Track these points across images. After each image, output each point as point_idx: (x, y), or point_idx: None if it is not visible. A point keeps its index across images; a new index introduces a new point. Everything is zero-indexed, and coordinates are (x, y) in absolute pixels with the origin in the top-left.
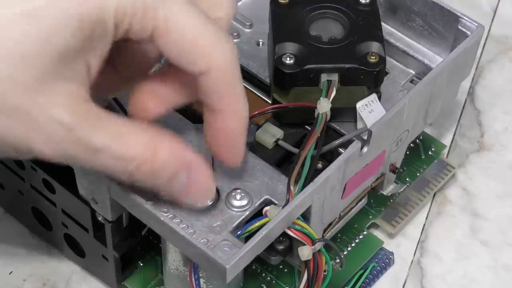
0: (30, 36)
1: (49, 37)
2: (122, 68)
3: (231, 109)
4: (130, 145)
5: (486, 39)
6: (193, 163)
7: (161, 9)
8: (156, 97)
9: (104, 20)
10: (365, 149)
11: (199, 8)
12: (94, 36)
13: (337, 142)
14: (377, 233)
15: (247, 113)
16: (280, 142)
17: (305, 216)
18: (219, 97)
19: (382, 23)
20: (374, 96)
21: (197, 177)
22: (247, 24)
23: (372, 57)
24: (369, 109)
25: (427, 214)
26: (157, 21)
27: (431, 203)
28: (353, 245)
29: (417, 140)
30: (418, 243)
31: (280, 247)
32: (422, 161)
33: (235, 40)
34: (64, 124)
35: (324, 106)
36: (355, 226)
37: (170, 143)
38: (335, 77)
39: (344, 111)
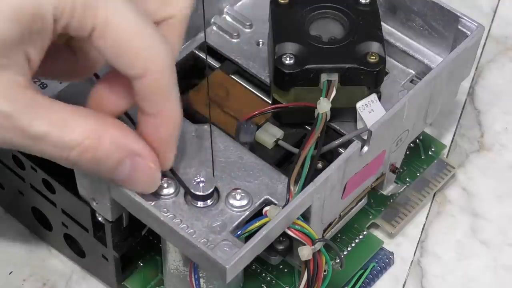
0: None
1: None
2: (81, 58)
3: (164, 115)
4: (72, 133)
5: (486, 39)
6: (138, 153)
7: (102, 9)
8: (106, 100)
9: (42, 15)
10: (365, 149)
11: (138, 9)
12: (32, 29)
13: (337, 142)
14: (377, 233)
15: (180, 119)
16: (280, 142)
17: (305, 216)
18: (152, 102)
19: (382, 23)
20: (374, 96)
21: (142, 166)
22: (247, 24)
23: (372, 57)
24: (369, 109)
25: (427, 214)
26: (96, 20)
27: (431, 203)
28: (353, 245)
29: (417, 140)
30: (418, 243)
31: (280, 247)
32: (422, 161)
33: (235, 40)
34: (1, 112)
35: (324, 106)
36: (355, 226)
37: (115, 131)
38: (335, 77)
39: (344, 111)
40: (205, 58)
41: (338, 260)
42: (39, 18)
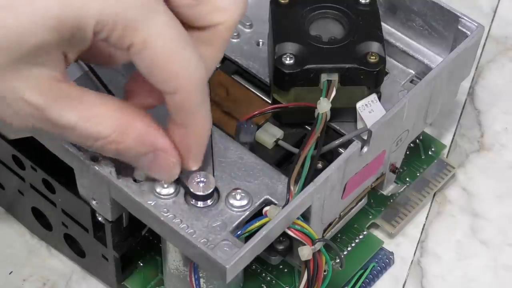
0: (5, 26)
1: (23, 31)
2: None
3: (192, 128)
4: (99, 126)
5: (486, 39)
6: (161, 148)
7: (141, 29)
8: (139, 93)
9: (83, 28)
10: (365, 149)
11: (180, 27)
12: (71, 38)
13: (337, 142)
14: (377, 233)
15: (207, 132)
16: (280, 142)
17: (305, 216)
18: (182, 116)
19: (382, 23)
20: (374, 96)
21: (163, 160)
22: (247, 24)
23: (372, 57)
24: (369, 109)
25: (427, 214)
26: (135, 39)
27: (431, 203)
28: (353, 245)
29: (417, 140)
30: (418, 243)
31: (280, 247)
32: (422, 161)
33: (235, 40)
34: (34, 104)
35: (324, 106)
36: (355, 226)
37: (141, 126)
38: (335, 77)
39: (344, 111)
40: None
41: (338, 260)
42: (80, 30)
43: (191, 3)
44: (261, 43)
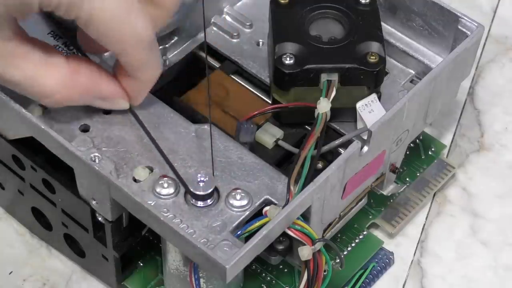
0: None
1: None
2: None
3: (141, 79)
4: (41, 86)
5: (486, 39)
6: (108, 96)
7: (85, 4)
8: (90, 42)
9: (28, 4)
10: (365, 149)
11: None
12: (18, 9)
13: (337, 142)
14: (377, 233)
15: (156, 78)
16: (280, 142)
17: (305, 216)
18: (131, 71)
19: (382, 23)
20: (374, 96)
21: (110, 103)
22: (247, 24)
23: (372, 57)
24: (369, 109)
25: (427, 214)
26: (80, 13)
27: (431, 203)
28: (353, 245)
29: (417, 140)
30: (418, 243)
31: (280, 247)
32: (422, 161)
33: (234, 40)
34: None
35: (324, 106)
36: (355, 226)
37: (85, 81)
38: (335, 77)
39: (344, 111)
40: (205, 58)
41: (338, 260)
42: (26, 5)
43: None
44: (261, 43)
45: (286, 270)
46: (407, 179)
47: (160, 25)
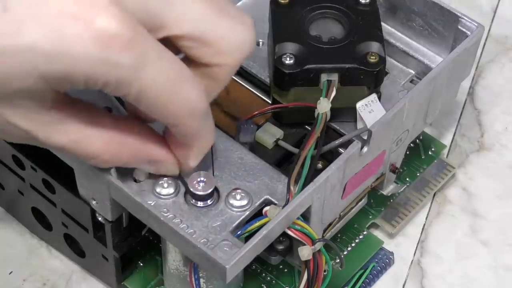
0: None
1: (10, 78)
2: None
3: (195, 148)
4: (87, 148)
5: (486, 39)
6: (158, 160)
7: (134, 82)
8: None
9: (72, 82)
10: (365, 149)
11: (175, 65)
12: (61, 85)
13: (337, 142)
14: (377, 233)
15: (210, 145)
16: (280, 142)
17: (305, 216)
18: (184, 140)
19: (382, 23)
20: (374, 96)
21: (160, 168)
22: None
23: (372, 57)
24: (369, 109)
25: (427, 214)
26: (129, 90)
27: (431, 203)
28: (353, 245)
29: (417, 140)
30: (418, 243)
31: (280, 247)
32: (422, 161)
33: None
34: (22, 129)
35: (324, 106)
36: (355, 226)
37: (134, 143)
38: (335, 77)
39: (344, 111)
40: None
41: (338, 260)
42: (69, 82)
43: (192, 45)
44: (261, 43)
45: (286, 270)
46: (407, 179)
47: (213, 96)
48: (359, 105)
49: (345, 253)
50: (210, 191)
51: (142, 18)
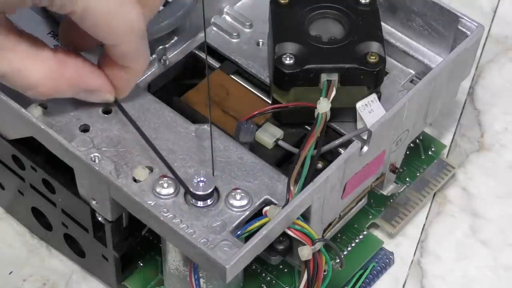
0: None
1: None
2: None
3: (131, 70)
4: (28, 78)
5: (486, 39)
6: (94, 89)
7: (80, 1)
8: (74, 37)
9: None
10: (365, 149)
11: None
12: (10, 4)
13: (337, 142)
14: (377, 233)
15: (144, 69)
16: (280, 142)
17: (305, 216)
18: (123, 61)
19: (382, 23)
20: (374, 96)
21: (96, 96)
22: (247, 24)
23: (372, 57)
24: (369, 109)
25: (427, 214)
26: (74, 7)
27: (431, 203)
28: (353, 245)
29: (417, 140)
30: (418, 243)
31: (280, 247)
32: (422, 161)
33: (234, 40)
34: None
35: (324, 106)
36: (355, 226)
37: (72, 74)
38: (335, 77)
39: (344, 111)
40: (205, 58)
41: (338, 260)
42: (18, 0)
43: None
44: (261, 43)
45: (286, 270)
46: (407, 179)
47: (147, 18)
48: (359, 105)
49: (345, 253)
50: (210, 191)
51: None
